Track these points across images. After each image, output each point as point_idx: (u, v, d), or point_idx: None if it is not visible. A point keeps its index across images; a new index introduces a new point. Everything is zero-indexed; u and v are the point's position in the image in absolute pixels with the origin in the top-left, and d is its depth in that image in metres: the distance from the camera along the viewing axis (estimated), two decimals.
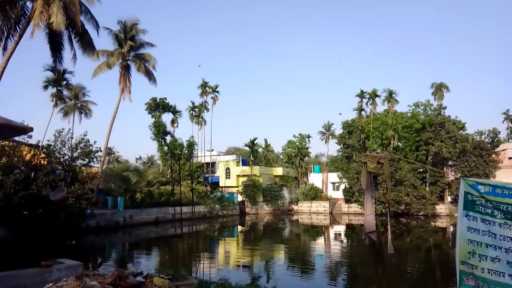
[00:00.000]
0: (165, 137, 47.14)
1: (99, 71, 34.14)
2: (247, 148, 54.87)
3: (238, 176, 53.02)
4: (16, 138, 22.25)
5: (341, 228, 36.60)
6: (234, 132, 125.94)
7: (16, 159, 23.08)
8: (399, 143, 47.96)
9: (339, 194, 50.25)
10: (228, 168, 55.39)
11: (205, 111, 56.03)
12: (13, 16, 21.07)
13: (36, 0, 20.63)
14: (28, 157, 23.82)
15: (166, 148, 45.23)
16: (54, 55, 23.64)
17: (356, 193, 42.91)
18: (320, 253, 21.98)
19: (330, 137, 65.56)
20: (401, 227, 33.94)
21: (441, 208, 42.93)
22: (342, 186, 48.21)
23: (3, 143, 22.50)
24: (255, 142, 53.63)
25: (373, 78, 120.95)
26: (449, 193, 44.84)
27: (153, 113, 49.73)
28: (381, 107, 56.75)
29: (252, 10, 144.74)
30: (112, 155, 69.36)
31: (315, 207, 48.19)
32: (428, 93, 54.15)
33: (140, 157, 78.19)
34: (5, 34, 21.38)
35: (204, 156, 55.39)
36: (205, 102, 55.77)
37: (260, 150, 61.01)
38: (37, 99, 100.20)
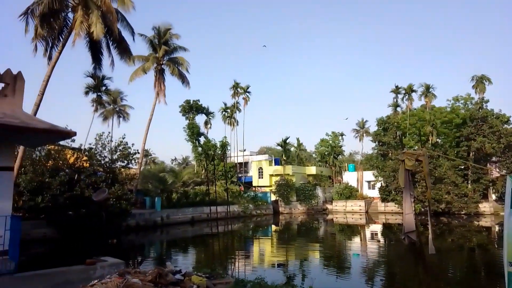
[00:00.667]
0: (199, 138, 48.01)
1: (135, 76, 35.34)
2: (279, 148, 54.78)
3: (271, 175, 53.07)
4: (61, 142, 23.46)
5: (377, 228, 35.70)
6: (266, 132, 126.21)
7: (61, 162, 24.42)
8: (438, 139, 46.08)
9: (375, 193, 49.06)
10: (260, 167, 55.58)
11: (237, 111, 56.53)
12: (56, 27, 22.27)
13: (77, 10, 21.72)
14: (71, 160, 25.13)
15: (200, 149, 46.07)
16: (94, 62, 24.77)
17: (393, 192, 41.71)
18: (357, 252, 21.58)
19: (364, 134, 64.03)
20: (441, 226, 32.62)
21: (484, 207, 40.84)
22: (378, 185, 47.01)
23: (50, 147, 23.86)
24: (287, 141, 53.46)
25: (408, 73, 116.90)
26: (494, 190, 42.52)
27: (187, 115, 50.79)
28: (417, 103, 54.80)
29: (281, 6, 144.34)
30: (149, 157, 71.45)
31: (350, 206, 47.33)
32: (468, 86, 51.76)
33: (176, 158, 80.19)
34: (50, 45, 22.66)
35: (237, 156, 55.88)
36: (237, 103, 56.26)
37: (292, 149, 60.75)
38: (79, 104, 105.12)
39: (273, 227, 37.28)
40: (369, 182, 51.86)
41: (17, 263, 8.81)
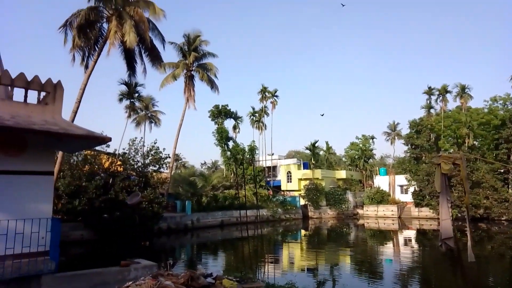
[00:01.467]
0: (228, 142, 48.48)
1: (166, 83, 36.29)
2: (308, 151, 54.32)
3: (300, 179, 52.66)
4: (97, 148, 24.38)
5: (411, 233, 34.55)
6: (294, 136, 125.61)
7: (96, 166, 25.39)
8: (475, 142, 44.16)
9: (407, 198, 47.52)
10: (289, 171, 55.32)
11: (265, 115, 56.68)
12: (92, 37, 23.33)
13: (111, 21, 22.63)
14: (106, 164, 26.07)
15: (229, 153, 46.52)
16: (129, 70, 25.74)
17: (427, 196, 40.25)
18: (389, 258, 20.98)
19: (396, 137, 62.35)
20: (480, 233, 31.12)
21: None
22: (411, 189, 45.53)
23: (86, 152, 24.87)
24: (316, 145, 52.93)
25: (441, 74, 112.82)
26: None
27: (216, 120, 51.46)
28: (452, 104, 52.81)
29: (309, 10, 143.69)
30: (179, 161, 72.89)
31: (382, 211, 46.09)
32: (507, 86, 49.29)
33: (205, 162, 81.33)
34: (86, 54, 23.74)
35: (265, 160, 55.91)
36: (265, 107, 56.42)
37: (321, 153, 60.04)
38: (113, 110, 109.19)
39: (303, 231, 36.94)
40: (401, 186, 50.33)
41: (57, 263, 9.22)
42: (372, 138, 60.23)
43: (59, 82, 10.00)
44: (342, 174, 56.31)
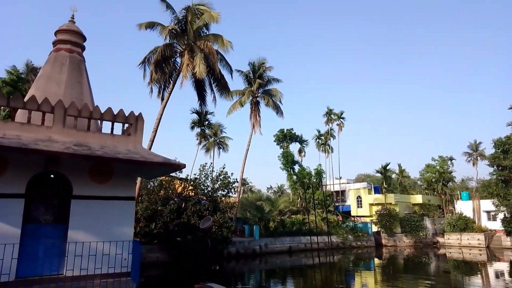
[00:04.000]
0: (294, 166, 48.28)
1: (233, 109, 37.75)
2: (378, 175, 51.82)
3: (371, 204, 50.15)
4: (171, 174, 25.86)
5: (503, 266, 30.63)
6: (363, 159, 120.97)
7: (170, 191, 26.81)
8: None
9: (496, 225, 42.59)
10: (359, 196, 53.06)
11: (331, 138, 55.68)
12: (167, 71, 25.38)
13: (184, 55, 24.41)
14: (179, 189, 27.42)
15: (295, 177, 46.20)
16: (199, 100, 27.41)
17: None
18: None
19: (478, 158, 56.93)
20: None
21: None
22: (500, 216, 40.77)
23: (161, 178, 26.48)
24: (388, 167, 50.33)
25: None
26: None
27: (281, 144, 51.81)
28: None
29: (371, 28, 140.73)
30: (246, 185, 74.10)
31: (466, 240, 41.72)
32: None
33: (271, 187, 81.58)
34: (162, 87, 25.77)
35: (333, 184, 54.43)
36: (331, 129, 55.54)
37: (393, 176, 56.82)
38: (185, 138, 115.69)
39: (376, 260, 34.76)
40: (488, 212, 45.34)
41: (138, 284, 9.77)
42: (451, 159, 55.79)
43: (140, 115, 10.93)
44: (418, 198, 52.50)
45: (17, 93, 14.47)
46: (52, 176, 9.43)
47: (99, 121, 10.53)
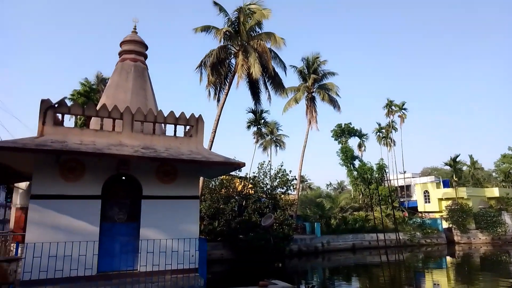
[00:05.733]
0: (353, 161, 46.85)
1: (288, 107, 37.61)
2: (447, 168, 48.57)
3: (440, 199, 46.99)
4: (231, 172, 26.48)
5: None
6: (428, 151, 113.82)
7: (231, 190, 27.45)
8: None
9: None
10: (426, 191, 49.98)
11: (393, 131, 53.09)
12: (222, 73, 26.00)
13: (238, 56, 24.81)
14: (239, 188, 27.97)
15: (355, 173, 44.81)
16: (254, 99, 27.68)
17: None
18: None
19: None
20: None
21: None
22: None
23: (222, 177, 27.21)
24: (458, 159, 46.84)
25: None
26: None
27: (339, 139, 50.54)
28: None
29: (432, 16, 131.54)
30: (305, 182, 73.45)
31: None
32: None
33: (330, 183, 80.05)
34: (218, 89, 26.45)
35: (397, 179, 51.90)
36: (392, 121, 52.97)
37: (464, 168, 52.81)
38: (242, 137, 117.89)
39: (448, 258, 32.49)
40: None
41: (205, 279, 10.13)
42: None
43: (200, 116, 11.31)
44: (494, 192, 48.12)
45: (90, 102, 15.75)
46: (123, 178, 10.11)
47: (163, 124, 11.07)
